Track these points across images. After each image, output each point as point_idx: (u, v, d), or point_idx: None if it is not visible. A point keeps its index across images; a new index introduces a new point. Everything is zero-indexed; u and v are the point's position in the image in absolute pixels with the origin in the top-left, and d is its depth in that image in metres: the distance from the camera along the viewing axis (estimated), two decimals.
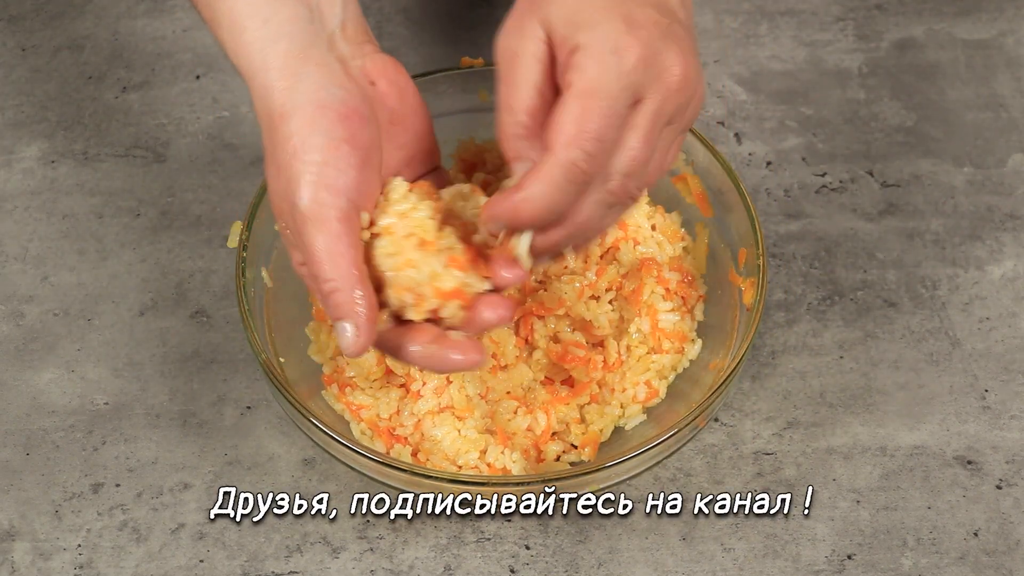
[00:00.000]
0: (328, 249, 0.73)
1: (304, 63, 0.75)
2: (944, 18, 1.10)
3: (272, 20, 0.76)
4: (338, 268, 0.73)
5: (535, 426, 0.86)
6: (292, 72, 0.75)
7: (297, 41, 0.76)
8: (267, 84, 0.75)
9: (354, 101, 0.75)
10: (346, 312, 0.73)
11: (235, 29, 0.76)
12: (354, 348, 0.73)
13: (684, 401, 0.87)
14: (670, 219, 0.92)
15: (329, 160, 0.73)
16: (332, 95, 0.75)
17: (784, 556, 0.85)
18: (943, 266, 0.97)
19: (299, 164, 0.73)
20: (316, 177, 0.73)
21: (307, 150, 0.73)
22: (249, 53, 0.76)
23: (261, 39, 0.76)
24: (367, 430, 0.86)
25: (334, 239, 0.73)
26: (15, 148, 1.03)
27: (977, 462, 0.88)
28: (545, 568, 0.84)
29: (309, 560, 0.85)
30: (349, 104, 0.75)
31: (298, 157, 0.73)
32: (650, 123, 0.72)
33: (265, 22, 0.76)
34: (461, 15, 1.11)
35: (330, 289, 0.73)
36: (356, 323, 0.73)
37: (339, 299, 0.73)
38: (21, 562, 0.85)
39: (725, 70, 1.08)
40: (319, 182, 0.73)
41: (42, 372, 0.92)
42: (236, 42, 0.77)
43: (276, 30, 0.76)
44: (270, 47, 0.75)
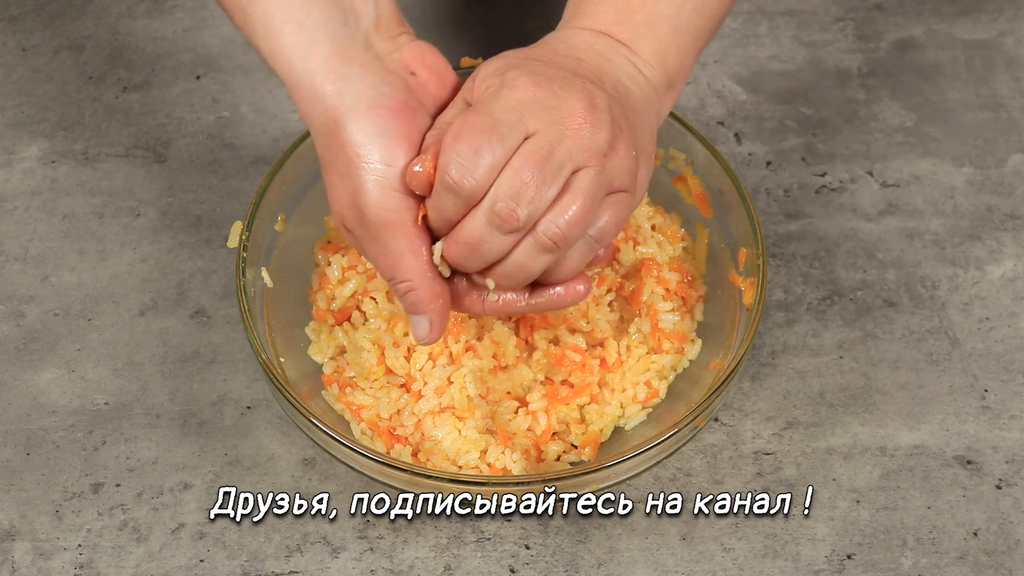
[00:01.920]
0: (402, 251, 0.75)
1: (347, 64, 0.76)
2: (944, 18, 1.10)
3: (307, 24, 0.76)
4: (414, 269, 0.75)
5: (535, 426, 0.86)
6: (338, 75, 0.75)
7: (336, 43, 0.76)
8: (315, 90, 0.76)
9: (402, 95, 0.76)
10: (422, 309, 0.76)
11: (270, 34, 0.77)
12: (428, 339, 0.77)
13: (684, 401, 0.87)
14: (670, 219, 0.92)
15: (393, 160, 0.74)
16: (381, 93, 0.75)
17: (784, 556, 0.85)
18: (943, 266, 0.97)
19: (362, 170, 0.74)
20: (383, 181, 0.74)
21: (367, 154, 0.74)
22: (289, 58, 0.76)
23: (299, 43, 0.76)
24: (367, 430, 0.86)
25: (407, 241, 0.75)
26: (15, 148, 1.03)
27: (977, 462, 0.88)
28: (545, 568, 0.84)
29: (309, 560, 0.85)
30: (398, 99, 0.75)
31: (361, 162, 0.74)
32: (538, 153, 0.72)
33: (301, 26, 0.76)
34: (461, 15, 1.11)
35: (406, 288, 0.76)
36: (431, 319, 0.76)
37: (415, 297, 0.76)
38: (21, 562, 0.85)
39: (725, 70, 1.08)
40: (386, 185, 0.74)
41: (42, 372, 0.92)
42: (272, 48, 0.77)
43: (313, 34, 0.76)
44: (311, 51, 0.76)
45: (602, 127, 0.73)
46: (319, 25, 0.76)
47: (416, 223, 0.75)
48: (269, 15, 0.77)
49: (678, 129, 0.91)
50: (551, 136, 0.72)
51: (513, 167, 0.72)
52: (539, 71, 0.74)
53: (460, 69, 0.92)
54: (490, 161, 0.72)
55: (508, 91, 0.73)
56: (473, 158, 0.72)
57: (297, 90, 0.77)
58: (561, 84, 0.74)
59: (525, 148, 0.72)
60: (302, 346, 0.89)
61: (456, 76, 0.79)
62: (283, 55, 0.77)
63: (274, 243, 0.89)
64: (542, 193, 0.72)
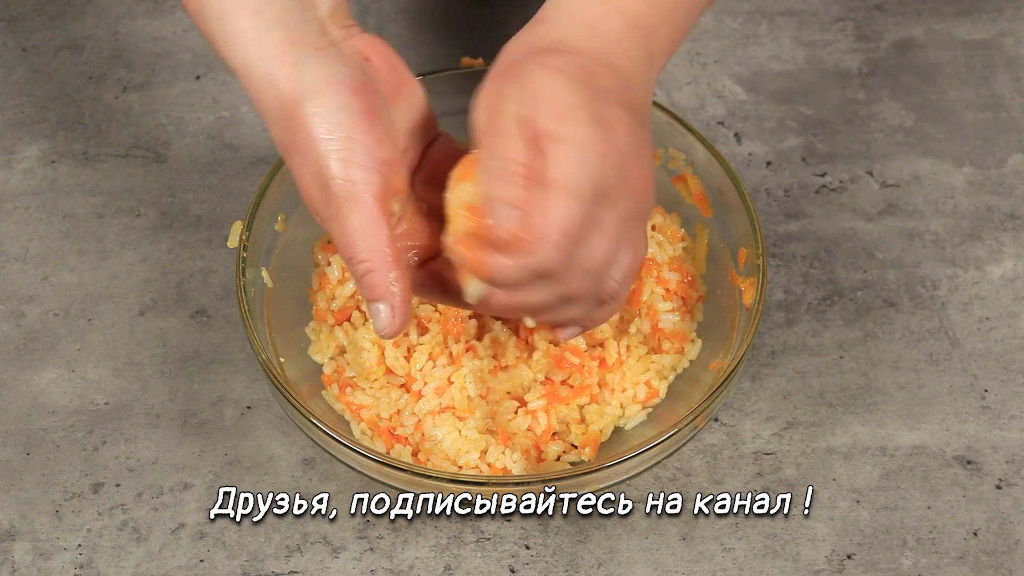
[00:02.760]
0: (362, 228, 0.72)
1: (303, 49, 0.74)
2: (944, 18, 1.10)
3: (264, 10, 0.75)
4: (372, 248, 0.73)
5: (535, 426, 0.86)
6: (294, 60, 0.74)
7: (291, 29, 0.75)
8: (269, 75, 0.74)
9: (361, 76, 0.74)
10: (381, 293, 0.73)
11: (225, 19, 0.75)
12: (389, 329, 0.73)
13: (684, 401, 0.87)
14: (670, 219, 0.92)
15: (354, 134, 0.73)
16: (339, 73, 0.74)
17: (784, 556, 0.85)
18: (943, 266, 0.97)
19: (324, 144, 0.73)
20: (346, 154, 0.72)
21: (331, 128, 0.73)
22: (244, 44, 0.75)
23: (255, 28, 0.75)
24: (367, 430, 0.86)
25: (368, 218, 0.72)
26: (15, 148, 1.03)
27: (977, 462, 0.88)
28: (545, 568, 0.85)
29: (309, 560, 0.85)
30: (357, 79, 0.74)
31: (322, 137, 0.73)
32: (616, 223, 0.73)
33: (257, 12, 0.75)
34: (461, 15, 1.11)
35: (364, 270, 0.73)
36: (391, 303, 0.73)
37: (374, 280, 0.73)
38: (21, 562, 0.85)
39: (725, 70, 1.08)
40: (349, 158, 0.72)
41: (42, 372, 0.92)
42: (227, 33, 0.75)
43: (270, 20, 0.75)
44: (266, 36, 0.74)
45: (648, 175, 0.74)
46: (276, 12, 0.75)
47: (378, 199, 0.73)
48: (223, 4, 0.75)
49: (678, 129, 0.91)
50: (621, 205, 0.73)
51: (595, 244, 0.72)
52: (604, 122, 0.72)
53: (460, 69, 0.92)
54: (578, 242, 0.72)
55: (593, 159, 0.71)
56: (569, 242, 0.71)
57: (249, 77, 0.75)
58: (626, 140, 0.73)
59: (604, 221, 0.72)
60: (302, 346, 0.89)
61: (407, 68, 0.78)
62: (237, 41, 0.75)
63: (274, 243, 0.89)
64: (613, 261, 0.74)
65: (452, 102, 0.92)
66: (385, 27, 1.10)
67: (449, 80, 0.92)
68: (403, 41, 1.09)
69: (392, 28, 1.10)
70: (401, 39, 1.09)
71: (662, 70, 0.80)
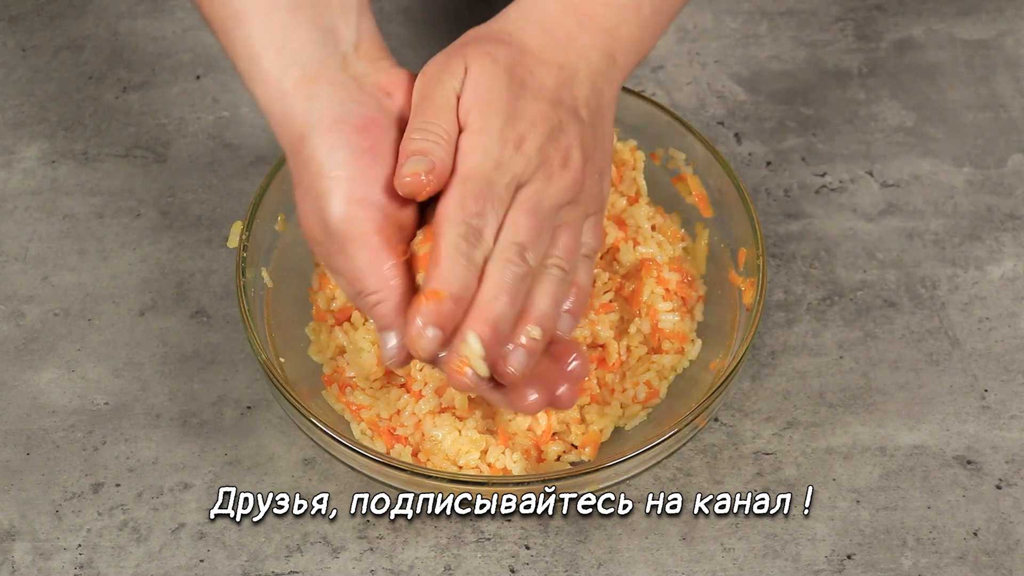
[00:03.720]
0: (369, 262, 0.73)
1: (317, 85, 0.75)
2: (944, 18, 1.10)
3: (285, 48, 0.76)
4: (381, 280, 0.74)
5: (535, 426, 0.86)
6: (307, 95, 0.75)
7: (311, 65, 0.76)
8: (284, 110, 0.76)
9: (370, 112, 0.75)
10: (392, 322, 0.74)
11: (250, 58, 0.77)
12: (396, 359, 0.75)
13: (684, 401, 0.87)
14: (670, 219, 0.92)
15: (355, 174, 0.74)
16: (347, 110, 0.75)
17: (784, 556, 0.85)
18: (943, 266, 0.97)
19: (325, 182, 0.74)
20: (345, 192, 0.73)
21: (331, 166, 0.74)
22: (266, 82, 0.77)
23: (276, 68, 0.76)
24: (367, 430, 0.86)
25: (374, 252, 0.73)
26: (15, 148, 1.03)
27: (977, 462, 0.88)
28: (545, 568, 0.85)
29: (309, 560, 0.85)
30: (365, 116, 0.75)
31: (323, 175, 0.74)
32: (532, 202, 0.74)
33: (279, 51, 0.76)
34: (461, 15, 1.11)
35: (375, 301, 0.74)
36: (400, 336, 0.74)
37: (384, 310, 0.74)
38: (21, 562, 0.85)
39: (725, 70, 1.08)
40: (349, 197, 0.73)
41: (42, 372, 0.92)
42: (251, 72, 0.77)
43: (289, 58, 0.76)
44: (285, 74, 0.76)
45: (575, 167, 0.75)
46: (296, 49, 0.76)
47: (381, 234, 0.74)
48: (251, 39, 0.77)
49: (678, 129, 0.91)
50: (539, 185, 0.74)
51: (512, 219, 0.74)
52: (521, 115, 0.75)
53: None
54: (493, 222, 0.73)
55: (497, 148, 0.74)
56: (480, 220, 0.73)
57: (270, 113, 0.77)
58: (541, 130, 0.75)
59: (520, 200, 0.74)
60: (302, 346, 0.89)
61: None
62: (261, 79, 0.77)
63: (274, 243, 0.89)
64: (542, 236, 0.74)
65: None
66: (385, 27, 1.10)
67: None
68: (403, 41, 1.09)
69: (392, 28, 1.10)
70: (401, 39, 1.09)
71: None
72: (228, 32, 0.78)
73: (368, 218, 0.73)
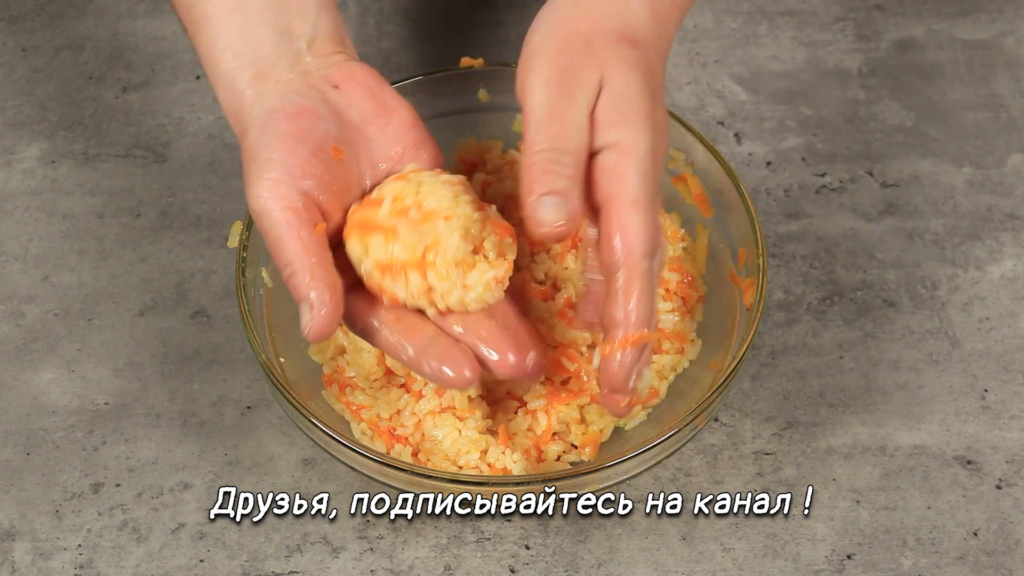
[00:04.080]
0: (279, 236, 0.75)
1: (265, 82, 0.78)
2: (944, 18, 1.10)
3: (242, 50, 0.79)
4: (292, 252, 0.74)
5: (535, 426, 0.86)
6: (254, 92, 0.78)
7: (263, 64, 0.78)
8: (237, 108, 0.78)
9: (306, 102, 0.77)
10: (302, 294, 0.74)
11: (212, 61, 0.80)
12: (307, 331, 0.75)
13: (684, 401, 0.87)
14: (670, 219, 0.92)
15: (274, 155, 0.75)
16: (286, 101, 0.77)
17: (784, 556, 0.85)
18: (943, 266, 0.97)
19: (251, 166, 0.76)
20: (263, 172, 0.75)
21: (257, 149, 0.76)
22: (223, 84, 0.79)
23: (232, 69, 0.79)
24: (367, 430, 0.86)
25: (284, 225, 0.74)
26: (15, 148, 1.03)
27: (977, 462, 0.88)
28: (545, 568, 0.84)
29: (309, 560, 0.85)
30: (300, 104, 0.77)
31: (249, 160, 0.76)
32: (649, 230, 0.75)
33: (235, 53, 0.79)
34: (461, 15, 1.11)
35: (288, 274, 0.75)
36: (310, 305, 0.74)
37: (296, 282, 0.75)
38: (21, 562, 0.85)
39: (725, 70, 1.08)
40: (265, 177, 0.75)
41: (42, 372, 0.92)
42: (213, 73, 0.80)
43: (245, 58, 0.78)
44: (238, 75, 0.78)
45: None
46: (251, 51, 0.78)
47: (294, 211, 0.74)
48: (211, 42, 0.79)
49: (678, 129, 0.91)
50: None
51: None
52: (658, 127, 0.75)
53: (460, 69, 0.92)
54: None
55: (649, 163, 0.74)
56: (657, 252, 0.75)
57: (227, 112, 0.79)
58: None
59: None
60: (302, 346, 0.89)
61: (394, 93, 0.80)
62: (220, 80, 0.79)
63: None
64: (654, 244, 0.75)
65: (452, 102, 0.92)
66: (385, 27, 1.10)
67: (449, 80, 0.92)
68: (403, 41, 1.09)
69: (392, 28, 1.10)
70: (401, 39, 1.09)
71: None
72: (195, 35, 0.81)
73: (281, 195, 0.75)
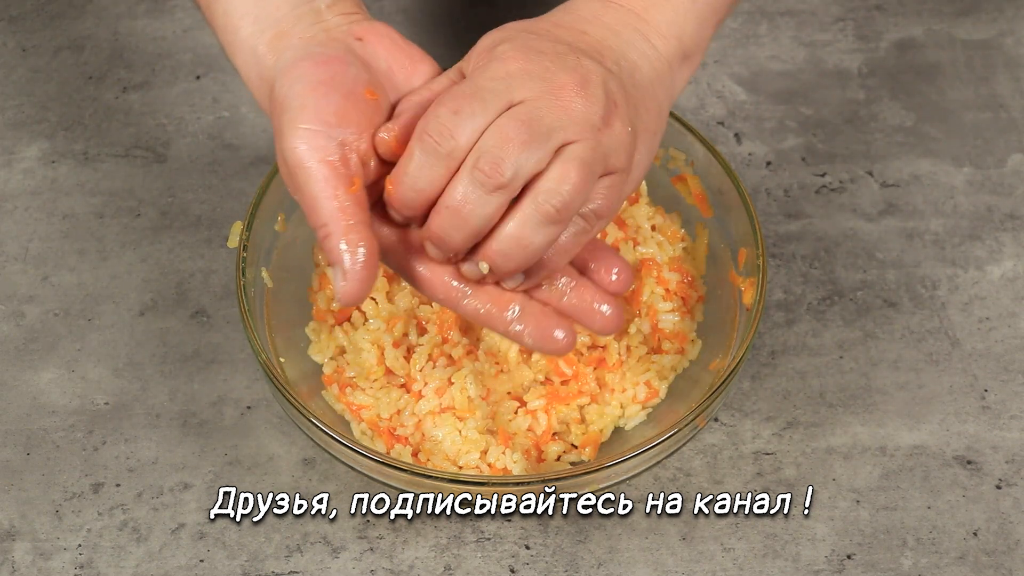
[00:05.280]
0: (316, 194, 0.71)
1: (288, 39, 0.75)
2: (944, 18, 1.10)
3: (261, 15, 0.76)
4: (328, 213, 0.71)
5: (535, 426, 0.86)
6: (276, 50, 0.75)
7: (284, 24, 0.76)
8: (260, 71, 0.76)
9: (334, 51, 0.74)
10: (335, 258, 0.71)
11: (228, 30, 0.77)
12: (340, 294, 0.71)
13: (684, 401, 0.87)
14: (670, 219, 0.92)
15: (307, 103, 0.72)
16: (310, 52, 0.74)
17: (784, 556, 0.85)
18: (943, 266, 0.97)
19: (281, 116, 0.72)
20: (296, 123, 0.72)
21: (288, 98, 0.72)
22: (243, 51, 0.77)
23: (252, 35, 0.76)
24: (367, 430, 0.86)
25: (322, 184, 0.71)
26: (15, 148, 1.03)
27: (977, 462, 0.88)
28: (545, 568, 0.85)
29: (309, 560, 0.85)
30: (327, 54, 0.74)
31: (281, 109, 0.73)
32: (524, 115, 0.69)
33: (255, 19, 0.77)
34: (461, 15, 1.11)
35: (323, 235, 0.71)
36: (343, 270, 0.70)
37: (330, 244, 0.71)
38: (21, 562, 0.85)
39: (725, 70, 1.08)
40: (299, 128, 0.71)
41: (42, 372, 0.92)
42: (231, 43, 0.77)
43: (264, 22, 0.76)
44: (258, 39, 0.76)
45: (594, 101, 0.71)
46: (270, 13, 0.76)
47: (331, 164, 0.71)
48: (229, 11, 0.77)
49: (678, 129, 0.91)
50: (539, 104, 0.70)
51: (497, 124, 0.69)
52: (532, 45, 0.72)
53: None
54: (471, 123, 0.69)
55: (497, 63, 0.71)
56: (454, 118, 0.69)
57: (248, 79, 0.76)
58: (552, 58, 0.71)
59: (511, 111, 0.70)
60: (302, 346, 0.89)
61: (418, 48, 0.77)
62: (239, 48, 0.76)
63: (274, 243, 0.89)
64: (529, 152, 0.69)
65: None
66: None
67: None
68: None
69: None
70: None
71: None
72: (210, 7, 0.78)
73: (319, 147, 0.71)
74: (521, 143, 0.69)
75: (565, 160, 0.70)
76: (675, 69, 0.77)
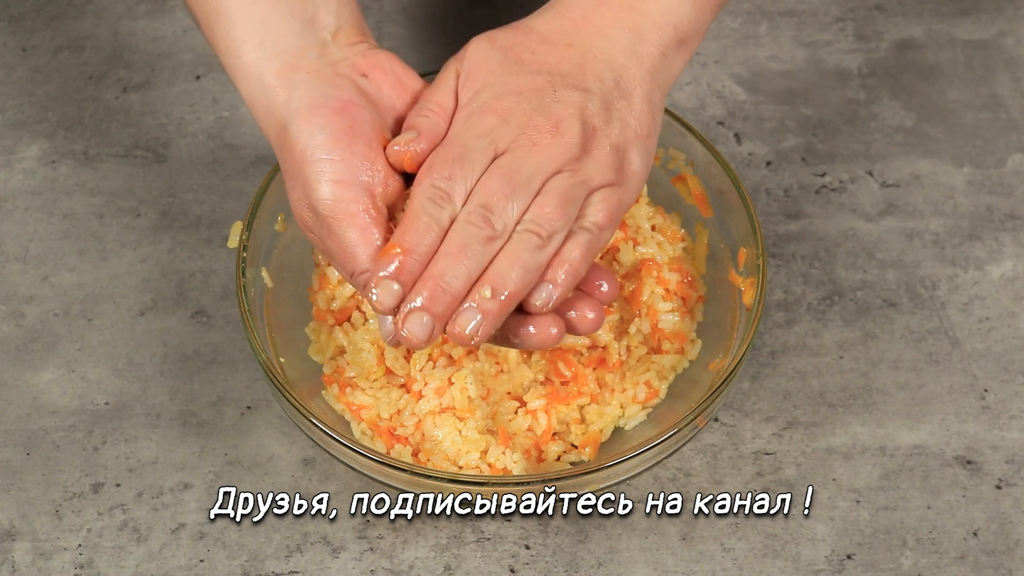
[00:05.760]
0: (356, 242, 0.74)
1: (295, 73, 0.77)
2: (944, 18, 1.10)
3: (265, 41, 0.78)
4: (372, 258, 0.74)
5: (535, 426, 0.86)
6: (286, 85, 0.77)
7: (290, 55, 0.78)
8: (267, 103, 0.77)
9: (346, 94, 0.77)
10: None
11: (231, 53, 0.79)
12: (395, 337, 0.74)
13: (684, 401, 0.87)
14: (670, 219, 0.92)
15: (336, 155, 0.75)
16: (324, 95, 0.76)
17: (784, 556, 0.85)
18: (943, 266, 0.97)
19: (309, 166, 0.75)
20: (329, 175, 0.75)
21: (313, 150, 0.75)
22: (248, 75, 0.78)
23: (257, 60, 0.78)
24: (367, 430, 0.86)
25: (362, 231, 0.74)
26: (15, 148, 1.03)
27: (977, 462, 0.88)
28: (545, 568, 0.85)
29: (309, 560, 0.85)
30: (342, 98, 0.77)
31: (306, 160, 0.75)
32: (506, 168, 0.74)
33: (260, 44, 0.78)
34: (461, 15, 1.11)
35: (366, 280, 0.74)
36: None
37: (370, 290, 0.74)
38: (21, 562, 0.85)
39: (725, 70, 1.08)
40: (333, 179, 0.75)
41: (42, 372, 0.92)
42: (234, 66, 0.79)
43: (270, 50, 0.78)
44: (264, 66, 0.78)
45: (571, 137, 0.75)
46: (276, 41, 0.78)
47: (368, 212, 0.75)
48: (232, 34, 0.79)
49: (678, 129, 0.91)
50: (519, 154, 0.75)
51: (483, 182, 0.74)
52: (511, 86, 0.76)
53: None
54: (463, 186, 0.74)
55: (477, 118, 0.76)
56: (449, 183, 0.74)
57: (253, 105, 0.78)
58: (530, 97, 0.76)
59: (494, 165, 0.75)
60: (302, 346, 0.89)
61: (416, 77, 0.81)
62: (243, 72, 0.78)
63: (274, 243, 0.89)
64: (513, 202, 0.74)
65: None
66: (385, 27, 1.10)
67: None
68: (403, 41, 1.09)
69: (392, 28, 1.10)
70: (401, 39, 1.09)
71: None
72: (211, 27, 0.79)
73: (353, 198, 0.75)
74: (504, 196, 0.74)
75: (543, 193, 0.75)
76: (670, 57, 0.80)
